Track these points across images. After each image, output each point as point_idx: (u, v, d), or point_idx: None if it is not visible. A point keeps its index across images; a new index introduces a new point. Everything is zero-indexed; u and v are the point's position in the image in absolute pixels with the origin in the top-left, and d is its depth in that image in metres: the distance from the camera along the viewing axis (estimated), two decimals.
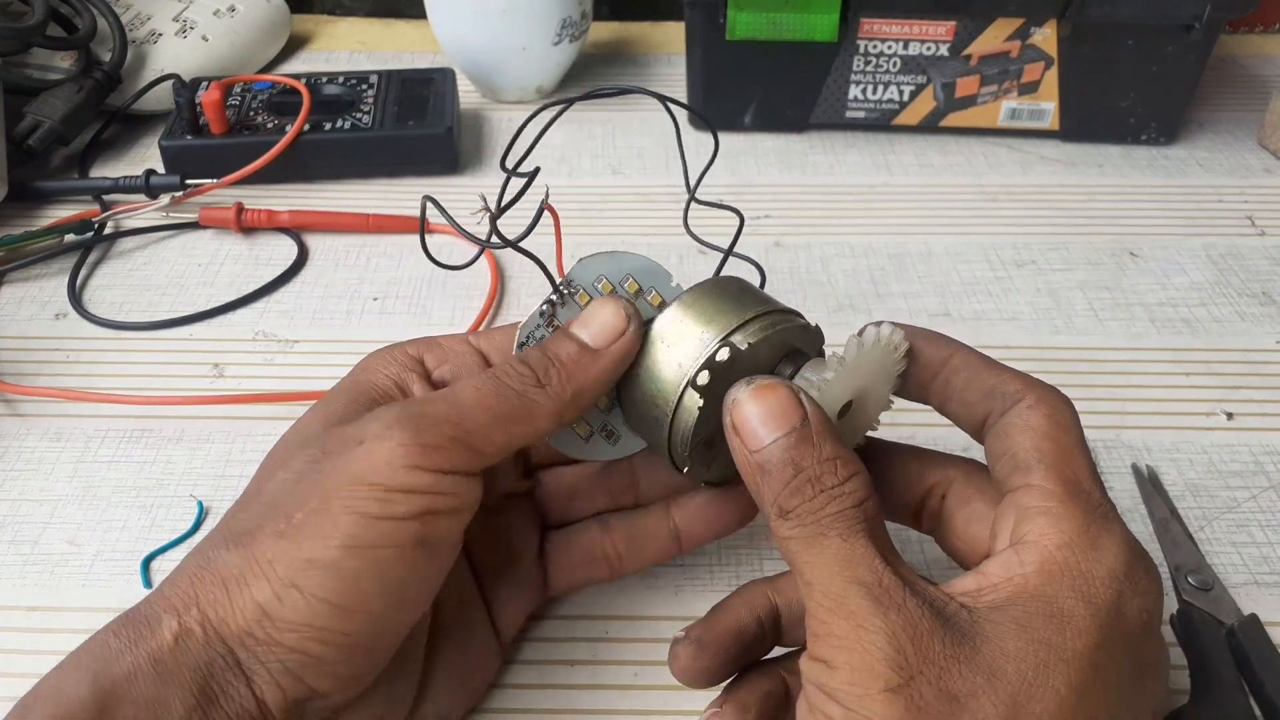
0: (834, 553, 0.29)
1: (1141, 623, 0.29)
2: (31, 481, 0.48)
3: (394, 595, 0.31)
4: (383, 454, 0.31)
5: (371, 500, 0.31)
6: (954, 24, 0.67)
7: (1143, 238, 0.64)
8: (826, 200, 0.68)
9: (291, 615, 0.30)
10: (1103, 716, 0.28)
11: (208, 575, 0.31)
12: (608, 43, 0.88)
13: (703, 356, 0.33)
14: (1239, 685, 0.39)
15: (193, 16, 0.79)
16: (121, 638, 0.30)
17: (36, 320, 0.58)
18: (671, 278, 0.38)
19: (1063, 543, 0.29)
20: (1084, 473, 0.31)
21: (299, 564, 0.30)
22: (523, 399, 0.33)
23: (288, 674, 0.30)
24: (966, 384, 0.35)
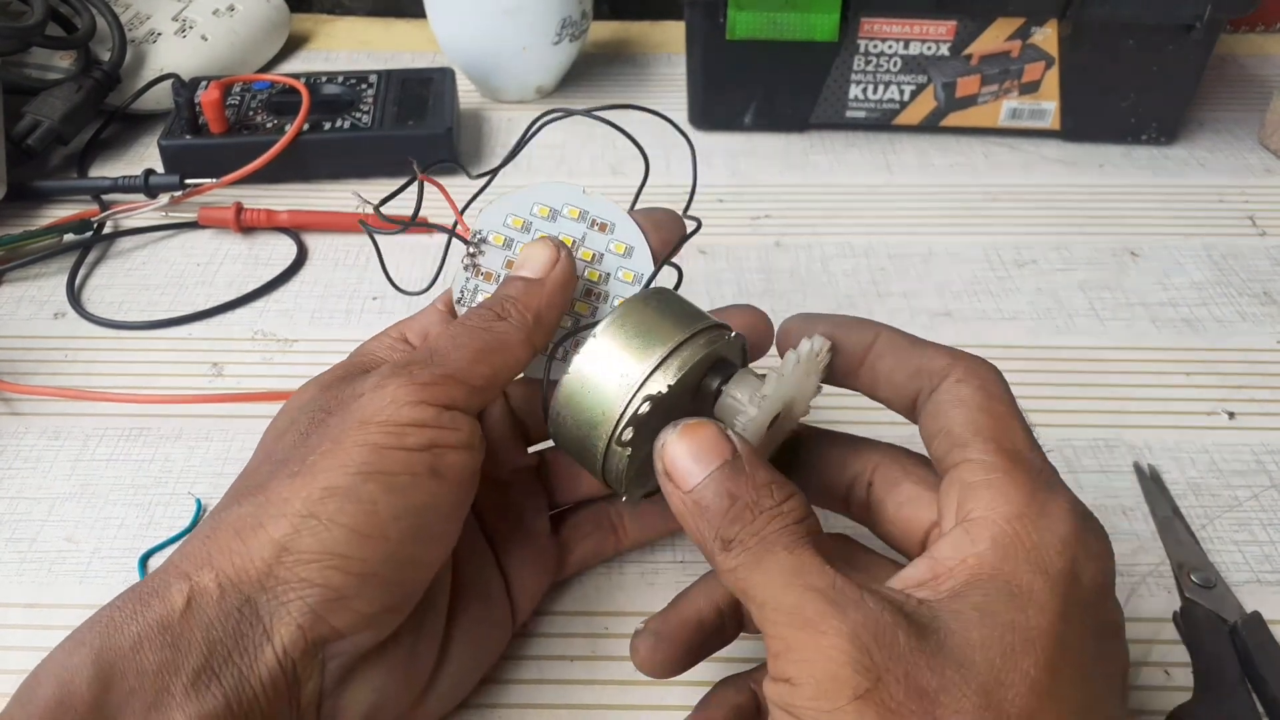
0: (782, 566, 0.29)
1: (1097, 586, 0.29)
2: (29, 479, 0.48)
3: (410, 523, 0.32)
4: (385, 396, 0.32)
5: (381, 434, 0.32)
6: (954, 24, 0.67)
7: (1144, 237, 0.64)
8: (827, 200, 0.68)
9: (311, 544, 0.30)
10: (1074, 689, 0.27)
11: (220, 532, 0.31)
12: (608, 42, 0.88)
13: (626, 411, 0.34)
14: (1242, 683, 0.39)
15: (192, 16, 0.79)
16: (125, 610, 0.30)
17: (35, 319, 0.58)
18: (579, 189, 0.40)
19: (1012, 514, 0.29)
20: (1022, 440, 0.31)
21: (316, 494, 0.31)
22: (490, 332, 0.35)
23: (308, 612, 0.30)
24: (893, 366, 0.34)
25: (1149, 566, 0.44)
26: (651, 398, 0.33)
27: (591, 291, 0.39)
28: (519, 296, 0.36)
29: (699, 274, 0.61)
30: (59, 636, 0.40)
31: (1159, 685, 0.40)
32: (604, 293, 0.39)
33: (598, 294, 0.39)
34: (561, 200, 0.39)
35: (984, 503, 0.29)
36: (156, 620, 0.29)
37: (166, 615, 0.29)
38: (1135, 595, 0.43)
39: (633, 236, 0.39)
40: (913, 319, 0.57)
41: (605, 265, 0.39)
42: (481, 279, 0.39)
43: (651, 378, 0.33)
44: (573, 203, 0.39)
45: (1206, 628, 0.40)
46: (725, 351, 0.35)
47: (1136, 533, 0.46)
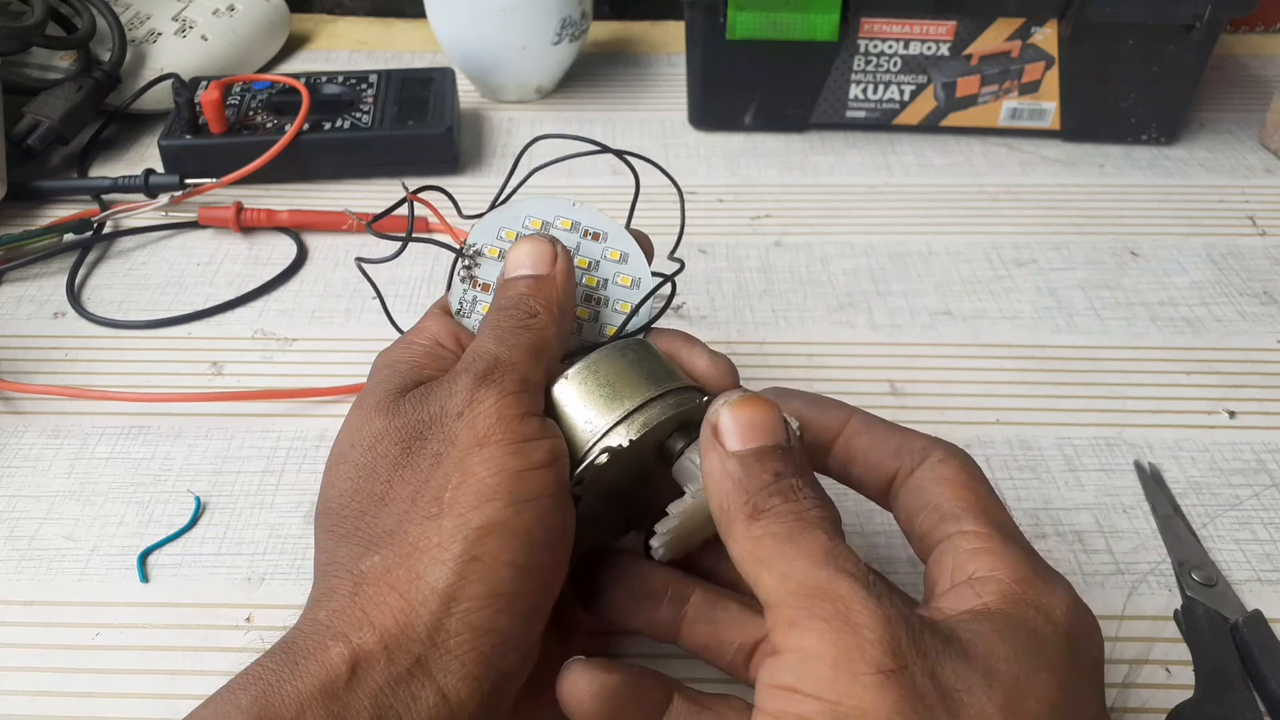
0: (819, 544, 0.28)
1: (1093, 658, 0.29)
2: (29, 478, 0.48)
3: (559, 547, 0.32)
4: (490, 412, 0.32)
5: (506, 455, 0.31)
6: (954, 24, 0.67)
7: (1143, 237, 0.64)
8: (827, 200, 0.68)
9: (479, 589, 0.29)
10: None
11: (369, 588, 0.29)
12: (608, 42, 0.88)
13: (582, 459, 0.34)
14: (1243, 681, 0.39)
15: (192, 16, 0.79)
16: (280, 673, 0.28)
17: (35, 319, 0.58)
18: (569, 201, 0.40)
19: (1017, 578, 0.29)
20: (1010, 521, 0.32)
21: (472, 534, 0.29)
22: (531, 330, 0.34)
23: (481, 660, 0.29)
24: (870, 445, 0.35)
25: (1150, 565, 0.44)
26: (610, 450, 0.33)
27: (590, 297, 0.39)
28: (535, 293, 0.36)
29: (699, 274, 0.60)
30: (58, 634, 0.41)
31: (1160, 683, 0.40)
32: (603, 297, 0.39)
33: (597, 299, 0.39)
34: (553, 213, 0.40)
35: (986, 565, 0.30)
36: (319, 686, 0.27)
37: (330, 682, 0.27)
38: (1136, 593, 0.43)
39: (626, 244, 0.40)
40: (913, 318, 0.57)
41: (602, 272, 0.39)
42: (479, 290, 0.39)
43: (614, 430, 0.34)
44: (564, 214, 0.40)
45: (1207, 626, 0.40)
46: (694, 414, 0.35)
47: (1137, 531, 0.45)
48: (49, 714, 0.39)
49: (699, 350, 0.38)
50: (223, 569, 0.44)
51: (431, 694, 0.28)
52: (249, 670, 0.28)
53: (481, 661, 0.29)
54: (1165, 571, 0.44)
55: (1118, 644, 0.41)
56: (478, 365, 0.33)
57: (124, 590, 0.43)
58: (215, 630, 0.41)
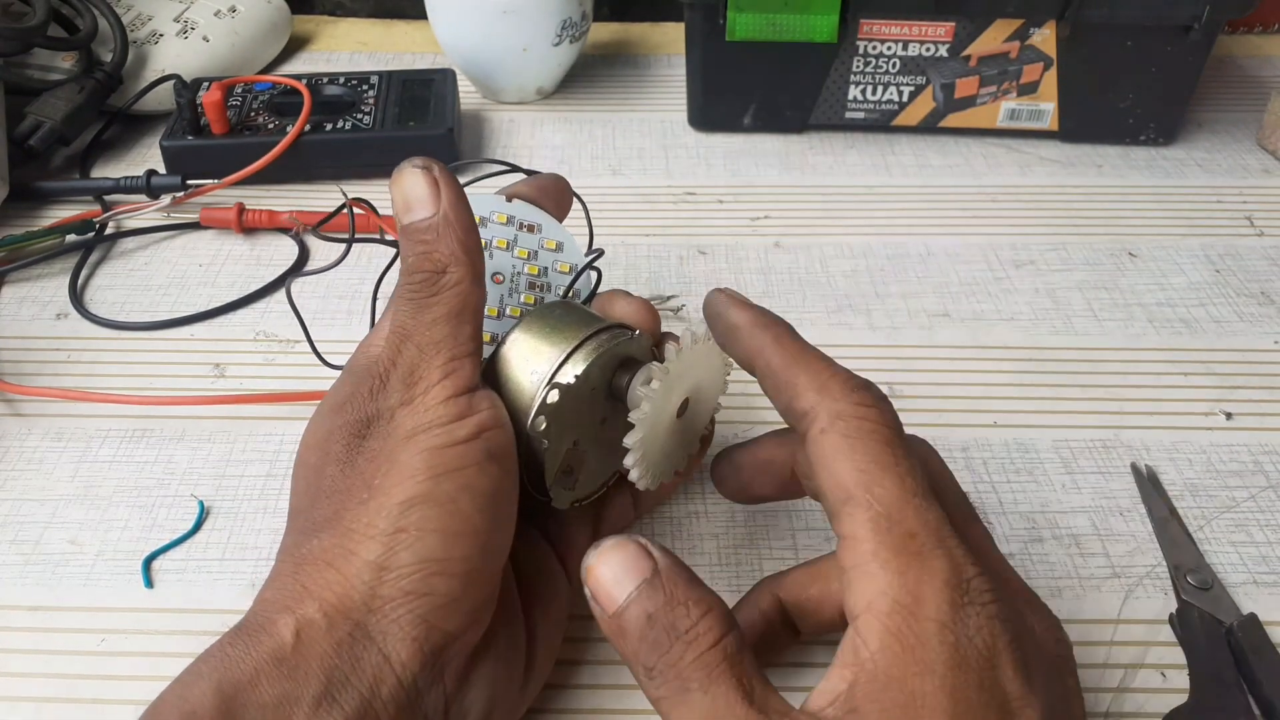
0: (696, 708, 0.28)
1: (984, 660, 0.27)
2: (33, 481, 0.48)
3: (488, 510, 0.33)
4: (419, 408, 0.33)
5: (433, 438, 0.32)
6: (953, 25, 0.67)
7: (1141, 238, 0.64)
8: (826, 201, 0.68)
9: (408, 557, 0.31)
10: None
11: (308, 565, 0.31)
12: (608, 43, 0.88)
13: (535, 402, 0.36)
14: (1238, 685, 0.39)
15: (194, 17, 0.79)
16: (236, 646, 0.30)
17: (38, 320, 0.58)
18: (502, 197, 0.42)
19: (889, 609, 0.28)
20: (891, 497, 0.29)
21: (396, 510, 0.31)
22: (443, 291, 0.34)
23: (419, 622, 0.31)
24: (774, 397, 0.33)
25: (1146, 568, 0.44)
26: (559, 386, 0.35)
27: (535, 284, 0.42)
28: (436, 240, 0.34)
29: (699, 275, 0.61)
30: (64, 640, 0.41)
31: (1155, 687, 0.40)
32: (545, 284, 0.42)
33: (540, 285, 0.42)
34: (488, 207, 0.42)
35: (862, 595, 0.28)
36: (269, 654, 0.29)
37: (278, 649, 0.29)
38: (1132, 597, 0.43)
39: (560, 234, 0.43)
40: (911, 319, 0.58)
41: (541, 260, 0.42)
42: None
43: (560, 370, 0.36)
44: (499, 209, 0.42)
45: (1202, 630, 0.41)
46: (632, 350, 0.38)
47: (1134, 534, 0.46)
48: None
49: (619, 297, 0.41)
50: (227, 574, 0.44)
51: (374, 655, 0.30)
52: (209, 649, 0.30)
53: (419, 623, 0.31)
54: (1161, 575, 0.44)
55: (1113, 648, 0.41)
56: (404, 357, 0.34)
57: (129, 596, 0.43)
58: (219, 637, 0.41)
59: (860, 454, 0.30)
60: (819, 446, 0.31)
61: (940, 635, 0.27)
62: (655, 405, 0.36)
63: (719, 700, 0.28)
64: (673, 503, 0.47)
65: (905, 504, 0.29)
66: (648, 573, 0.30)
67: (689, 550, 0.45)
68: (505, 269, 0.42)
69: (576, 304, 0.40)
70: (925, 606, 0.27)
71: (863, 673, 0.27)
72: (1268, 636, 0.41)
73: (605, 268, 0.44)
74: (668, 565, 0.30)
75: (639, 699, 0.40)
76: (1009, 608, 0.29)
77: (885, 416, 0.31)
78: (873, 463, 0.30)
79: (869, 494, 0.29)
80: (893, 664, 0.27)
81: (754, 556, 0.45)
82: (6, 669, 0.40)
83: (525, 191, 0.42)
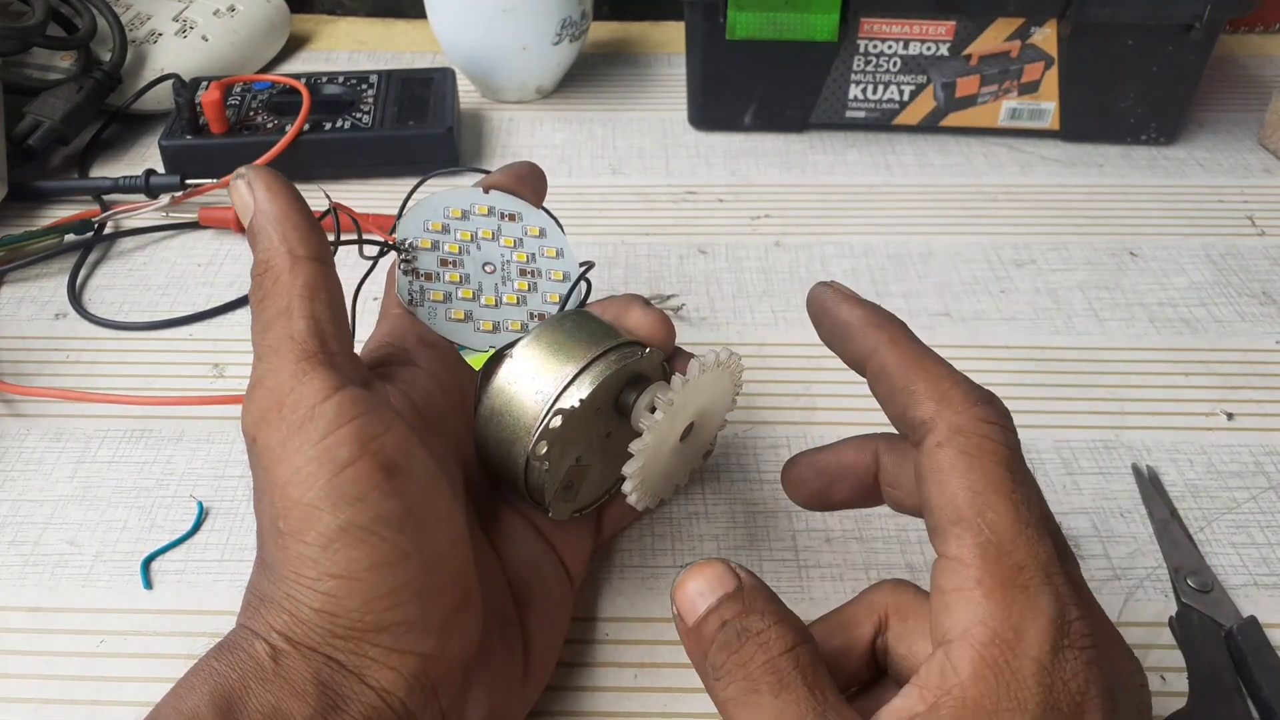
0: (766, 711, 0.27)
1: (1074, 706, 0.27)
2: (31, 482, 0.48)
3: (412, 530, 0.31)
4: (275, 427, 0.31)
5: (312, 463, 0.30)
6: (954, 24, 0.67)
7: (1143, 238, 0.64)
8: (826, 200, 0.68)
9: (350, 601, 0.30)
10: None
11: (265, 604, 0.31)
12: (608, 43, 0.88)
13: (537, 425, 0.36)
14: (1237, 688, 0.39)
15: (192, 16, 0.79)
16: (224, 661, 0.30)
17: (36, 320, 0.58)
18: (479, 190, 0.42)
19: (987, 639, 0.27)
20: (1004, 524, 0.28)
21: (316, 554, 0.30)
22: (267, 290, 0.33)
23: (390, 652, 0.30)
24: (884, 403, 0.32)
25: (1146, 570, 0.44)
26: (563, 411, 0.35)
27: (525, 270, 0.42)
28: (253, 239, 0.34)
29: (699, 275, 0.61)
30: (63, 641, 0.41)
31: (1154, 691, 0.40)
32: (536, 269, 0.42)
33: (531, 271, 0.42)
34: (468, 201, 0.42)
35: (961, 621, 0.27)
36: (254, 672, 0.29)
37: (260, 669, 0.29)
38: (1132, 599, 0.43)
39: (542, 220, 0.43)
40: (912, 319, 0.57)
41: (527, 247, 0.42)
42: (424, 280, 0.40)
43: (565, 393, 0.35)
44: (479, 201, 0.42)
45: (1202, 633, 0.41)
46: (641, 367, 0.37)
47: (1134, 535, 0.46)
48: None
49: (635, 307, 0.39)
50: (226, 575, 0.44)
51: (357, 684, 0.30)
52: (195, 665, 0.30)
53: (389, 654, 0.30)
54: (1161, 577, 0.44)
55: None
56: (255, 373, 0.32)
57: (128, 597, 0.43)
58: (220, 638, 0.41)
59: (977, 474, 0.28)
60: (933, 460, 0.29)
61: (1038, 676, 0.26)
62: (657, 435, 0.35)
63: (789, 706, 0.27)
64: (673, 504, 0.47)
65: (1018, 534, 0.28)
66: (730, 588, 0.29)
67: (689, 551, 0.45)
68: (495, 259, 0.42)
69: (591, 315, 0.39)
70: (1026, 644, 0.27)
71: (948, 698, 0.27)
72: (1268, 640, 0.40)
73: (606, 267, 0.44)
74: (751, 584, 0.30)
75: (637, 701, 0.40)
76: (1105, 655, 0.28)
77: (1007, 436, 0.29)
78: (989, 486, 0.28)
79: (981, 518, 0.28)
80: (984, 695, 0.26)
81: (754, 558, 0.45)
82: (5, 670, 0.40)
83: (501, 181, 0.43)
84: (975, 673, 0.27)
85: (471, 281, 0.41)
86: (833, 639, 0.32)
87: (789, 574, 0.44)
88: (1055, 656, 0.27)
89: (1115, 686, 0.28)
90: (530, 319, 0.41)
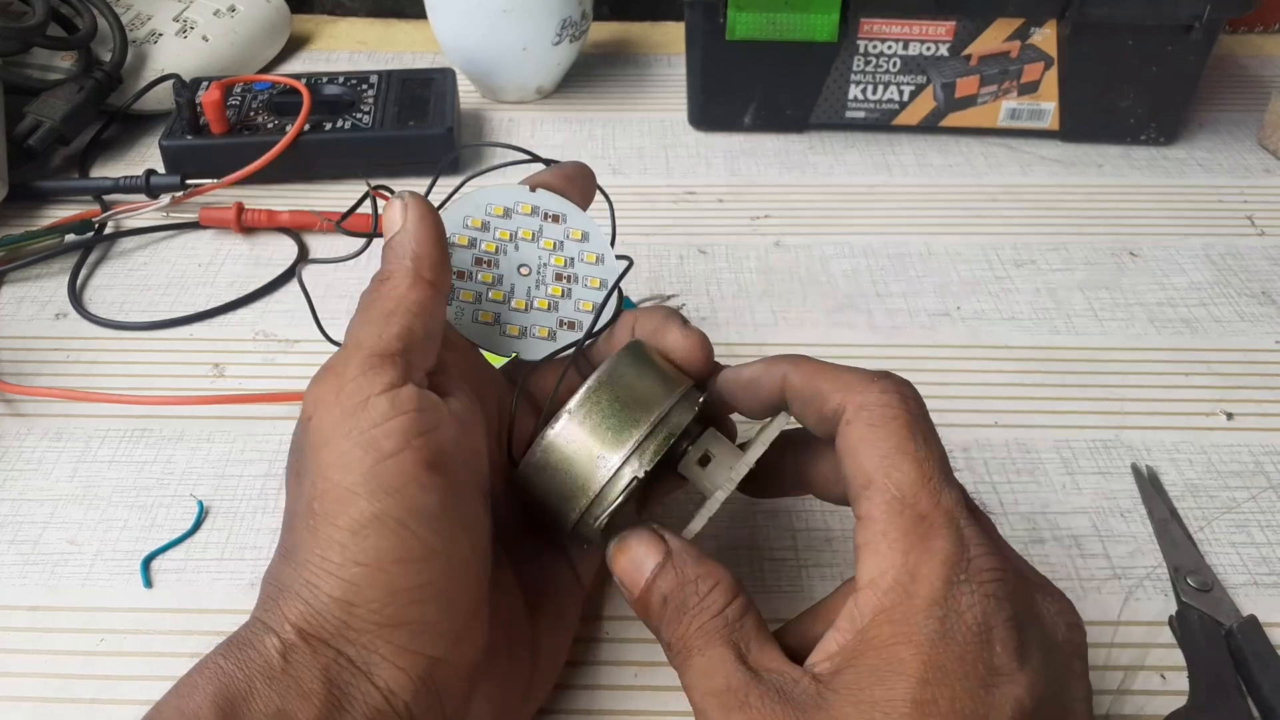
0: (696, 669, 0.31)
1: (973, 634, 0.29)
2: (32, 481, 0.48)
3: (444, 530, 0.31)
4: (330, 410, 0.32)
5: (358, 449, 0.31)
6: (954, 24, 0.67)
7: (1142, 238, 0.64)
8: (826, 200, 0.68)
9: (372, 591, 0.30)
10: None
11: (283, 594, 0.31)
12: (608, 43, 0.88)
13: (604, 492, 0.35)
14: (1237, 687, 0.39)
15: (193, 16, 0.79)
16: (231, 659, 0.30)
17: (37, 320, 0.58)
18: (525, 188, 0.42)
19: (889, 585, 0.29)
20: (909, 480, 0.30)
21: (346, 540, 0.30)
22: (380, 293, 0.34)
23: (402, 651, 0.30)
24: (804, 414, 0.35)
25: (1146, 569, 0.44)
26: (627, 490, 0.35)
27: (561, 275, 0.41)
28: (389, 252, 0.35)
29: (699, 275, 0.61)
30: (63, 640, 0.41)
31: (1154, 690, 0.40)
32: (572, 274, 0.41)
33: (567, 276, 0.41)
34: (512, 199, 0.41)
35: (867, 571, 0.30)
36: (261, 670, 0.29)
37: (268, 667, 0.29)
38: (1132, 599, 0.43)
39: (586, 223, 0.42)
40: (912, 319, 0.58)
41: (567, 251, 0.41)
42: (455, 278, 0.40)
43: (627, 464, 0.35)
44: (523, 200, 0.41)
45: (1202, 632, 0.41)
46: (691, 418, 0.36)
47: (1134, 535, 0.46)
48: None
49: (674, 327, 0.39)
50: (226, 574, 0.44)
51: (364, 682, 0.30)
52: (201, 662, 0.30)
53: (400, 653, 0.30)
54: (1161, 576, 0.44)
55: (1113, 650, 0.41)
56: (333, 360, 0.33)
57: (128, 596, 0.43)
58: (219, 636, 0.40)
59: (882, 440, 0.31)
60: (844, 438, 0.32)
61: (927, 611, 0.29)
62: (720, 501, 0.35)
63: (713, 660, 0.31)
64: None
65: (921, 488, 0.30)
66: (660, 556, 0.33)
67: None
68: (531, 260, 0.41)
69: (642, 357, 0.37)
70: (920, 584, 0.29)
71: (854, 638, 0.30)
72: (1268, 639, 0.40)
73: None
74: (679, 547, 0.34)
75: (639, 699, 0.40)
76: (1013, 588, 0.30)
77: (907, 402, 0.32)
78: (894, 449, 0.31)
79: (888, 479, 0.31)
80: (879, 633, 0.29)
81: (755, 556, 0.45)
82: (5, 669, 0.40)
83: (549, 180, 0.42)
84: (874, 615, 0.29)
85: (504, 283, 0.40)
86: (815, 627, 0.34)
87: (789, 574, 0.44)
88: (949, 590, 0.29)
89: (1026, 616, 0.30)
90: (560, 325, 0.40)
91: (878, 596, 0.29)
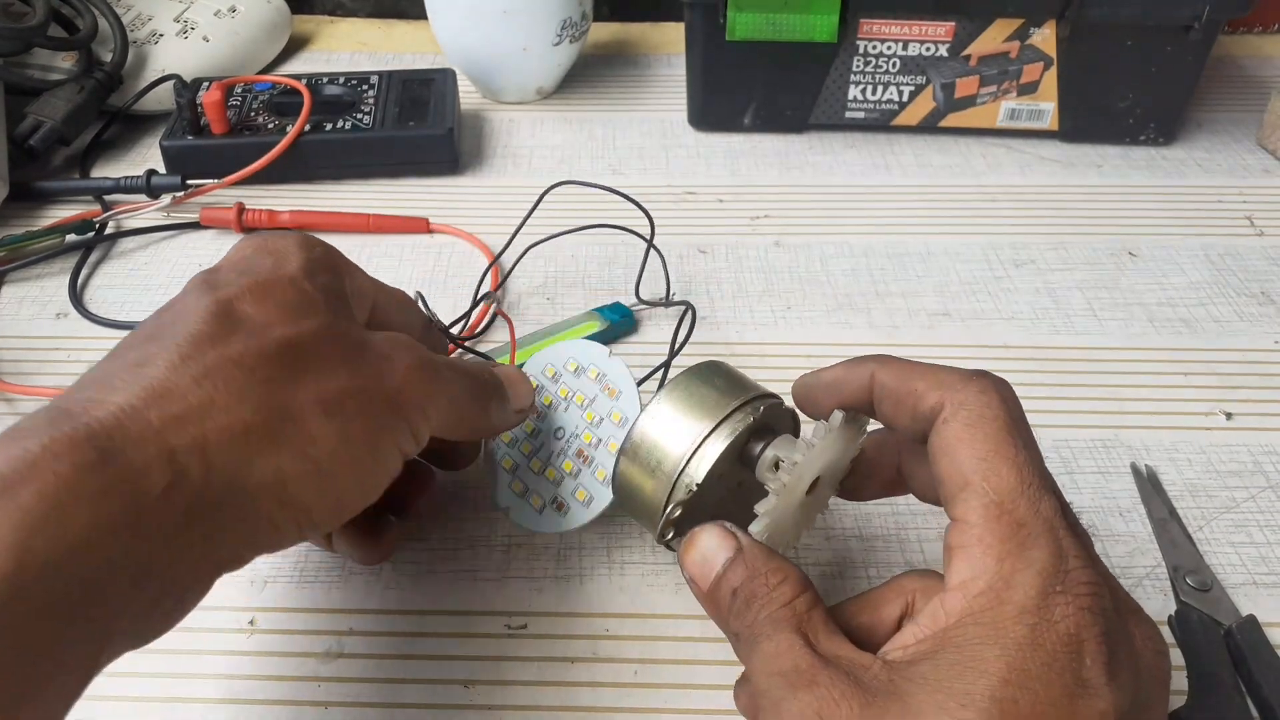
0: (762, 654, 0.31)
1: (1064, 645, 0.28)
2: None
3: None
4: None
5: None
6: (953, 24, 0.67)
7: (1141, 238, 0.64)
8: (826, 200, 0.68)
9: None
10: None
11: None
12: (608, 43, 0.88)
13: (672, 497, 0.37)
14: (1236, 686, 0.39)
15: (193, 17, 0.79)
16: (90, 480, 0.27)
17: (38, 320, 0.58)
18: (606, 350, 0.44)
19: (980, 589, 0.29)
20: (1006, 486, 0.30)
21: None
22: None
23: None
24: (896, 414, 0.34)
25: (1145, 569, 0.44)
26: (682, 502, 0.37)
27: (582, 453, 0.42)
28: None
29: (699, 274, 0.61)
30: None
31: None
32: (590, 457, 0.42)
33: (586, 457, 0.42)
34: (589, 359, 0.44)
35: (958, 573, 0.30)
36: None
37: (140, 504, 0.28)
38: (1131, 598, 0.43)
39: (631, 411, 0.42)
40: (911, 319, 0.58)
41: (601, 430, 0.43)
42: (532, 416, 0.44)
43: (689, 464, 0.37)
44: (597, 364, 0.44)
45: (1201, 632, 0.41)
46: (765, 419, 0.38)
47: (1134, 534, 0.46)
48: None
49: None
50: None
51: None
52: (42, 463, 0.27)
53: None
54: (1160, 576, 0.44)
55: None
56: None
57: None
58: (219, 634, 0.41)
59: (981, 442, 0.31)
60: (941, 436, 0.32)
61: (1018, 618, 0.28)
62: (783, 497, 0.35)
63: (780, 645, 0.30)
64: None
65: (1020, 494, 0.30)
66: (731, 551, 0.33)
67: None
68: (569, 426, 0.43)
69: (718, 367, 0.40)
70: (1014, 591, 0.28)
71: (935, 634, 0.29)
72: (1267, 638, 0.41)
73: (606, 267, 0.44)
74: (749, 544, 0.33)
75: (637, 697, 0.40)
76: (1106, 604, 0.29)
77: (1006, 403, 0.32)
78: (993, 451, 0.30)
79: (986, 482, 0.30)
80: (964, 633, 0.28)
81: None
82: None
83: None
84: (961, 616, 0.29)
85: (536, 439, 0.44)
86: (860, 616, 0.34)
87: None
88: (1044, 600, 0.28)
89: (1116, 636, 0.29)
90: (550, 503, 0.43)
91: (967, 600, 0.29)
